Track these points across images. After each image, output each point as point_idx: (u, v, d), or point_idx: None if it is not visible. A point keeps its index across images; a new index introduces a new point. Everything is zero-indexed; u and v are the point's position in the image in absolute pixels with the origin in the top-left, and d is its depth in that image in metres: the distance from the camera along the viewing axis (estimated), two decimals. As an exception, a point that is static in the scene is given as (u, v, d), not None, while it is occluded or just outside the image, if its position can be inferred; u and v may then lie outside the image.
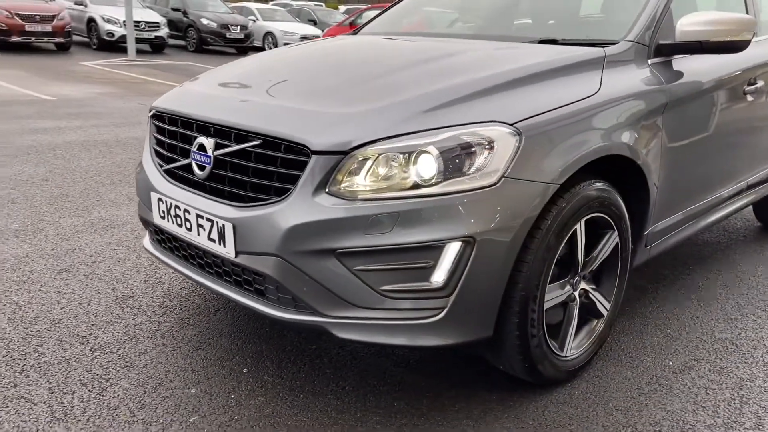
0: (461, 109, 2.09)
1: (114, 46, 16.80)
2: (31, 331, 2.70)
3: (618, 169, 2.48)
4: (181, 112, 2.42)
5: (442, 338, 2.06)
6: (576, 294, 2.41)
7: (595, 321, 2.55)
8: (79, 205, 4.45)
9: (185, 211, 2.29)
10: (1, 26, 14.94)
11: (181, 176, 2.40)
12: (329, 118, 2.09)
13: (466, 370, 2.52)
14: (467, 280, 2.00)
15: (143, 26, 16.75)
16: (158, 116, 2.58)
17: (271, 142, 2.11)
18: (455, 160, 1.99)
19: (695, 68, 2.82)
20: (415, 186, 1.98)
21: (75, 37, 16.88)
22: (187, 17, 18.71)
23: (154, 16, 17.30)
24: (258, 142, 2.13)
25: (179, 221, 2.34)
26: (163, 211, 2.42)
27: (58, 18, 15.50)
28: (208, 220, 2.20)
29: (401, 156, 1.98)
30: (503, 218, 2.00)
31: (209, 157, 2.25)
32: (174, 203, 2.34)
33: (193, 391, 2.32)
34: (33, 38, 15.44)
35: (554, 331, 2.39)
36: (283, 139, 2.06)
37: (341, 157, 1.98)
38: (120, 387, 2.33)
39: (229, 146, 2.21)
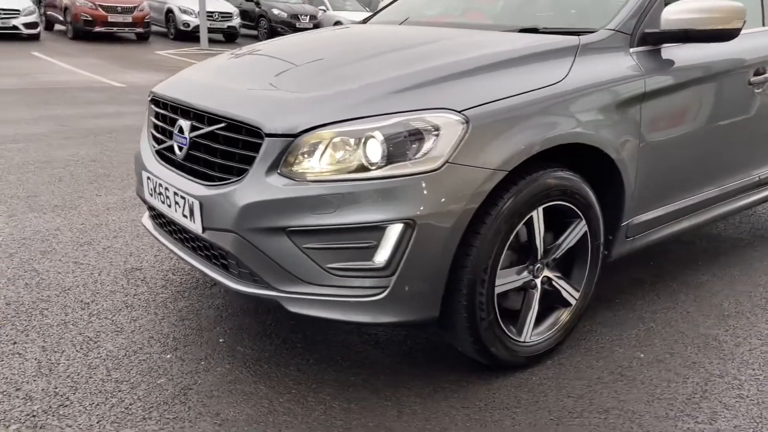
0: (413, 95, 2.15)
1: (190, 36, 17.46)
2: (42, 296, 2.95)
3: (592, 160, 2.47)
4: (169, 97, 2.59)
5: (386, 316, 2.15)
6: (537, 281, 2.43)
7: (563, 309, 2.56)
8: (117, 184, 4.75)
9: (166, 188, 2.47)
10: (86, 17, 15.81)
11: (167, 157, 2.57)
12: (286, 103, 2.21)
13: (431, 350, 2.59)
14: (408, 261, 2.07)
15: (216, 16, 17.33)
16: (155, 101, 2.76)
17: (234, 125, 2.24)
18: (400, 145, 2.07)
19: (688, 57, 2.76)
20: (361, 169, 2.07)
21: (154, 28, 17.66)
22: (259, 7, 19.22)
23: (227, 7, 17.87)
24: (224, 124, 2.27)
25: (162, 198, 2.52)
26: (151, 189, 2.61)
27: (138, 9, 16.25)
28: (182, 197, 2.36)
29: (349, 140, 2.07)
30: (445, 202, 2.06)
31: (186, 138, 2.41)
32: (158, 181, 2.52)
33: (168, 356, 2.50)
34: (115, 28, 16.26)
35: (514, 316, 2.43)
36: (243, 123, 2.20)
37: (291, 140, 2.09)
38: (104, 349, 2.53)
39: (201, 129, 2.36)
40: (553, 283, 2.48)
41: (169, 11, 17.65)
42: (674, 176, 2.81)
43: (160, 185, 2.51)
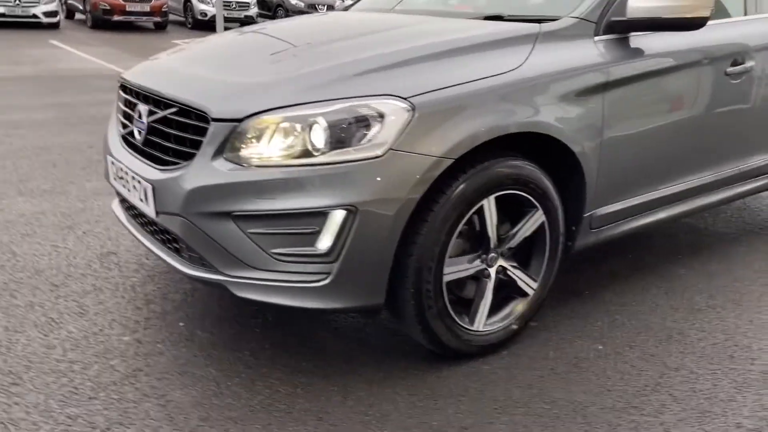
0: (360, 81, 2.15)
1: (208, 26, 17.54)
2: (15, 278, 3.01)
3: (553, 150, 2.44)
4: (132, 82, 2.62)
5: (329, 302, 2.15)
6: (491, 270, 2.42)
7: (520, 300, 2.54)
8: (109, 170, 4.80)
9: (126, 173, 2.49)
10: (105, 6, 15.97)
11: (130, 142, 2.59)
12: (234, 88, 2.22)
13: (388, 338, 2.60)
14: (351, 247, 2.07)
15: (234, 5, 17.41)
16: (122, 86, 2.79)
17: (185, 109, 2.26)
18: (344, 131, 2.07)
19: (658, 47, 2.71)
20: (305, 155, 2.07)
21: (172, 17, 17.79)
22: (277, -4, 19.29)
23: (245, -4, 17.95)
24: (175, 109, 2.29)
25: (123, 183, 2.55)
26: (114, 173, 2.64)
27: (156, -2, 16.38)
28: (138, 181, 2.39)
29: (294, 126, 2.08)
30: (388, 189, 2.06)
31: (144, 123, 2.44)
32: (120, 166, 2.55)
33: (126, 338, 2.53)
34: (133, 18, 16.40)
35: (469, 305, 2.42)
36: (191, 107, 2.21)
37: (236, 125, 2.10)
38: (65, 330, 2.57)
39: (157, 113, 2.38)
40: (509, 272, 2.46)
41: (187, 1, 17.76)
42: (640, 169, 2.76)
43: (122, 170, 2.54)
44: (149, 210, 2.35)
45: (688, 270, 3.34)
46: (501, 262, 2.45)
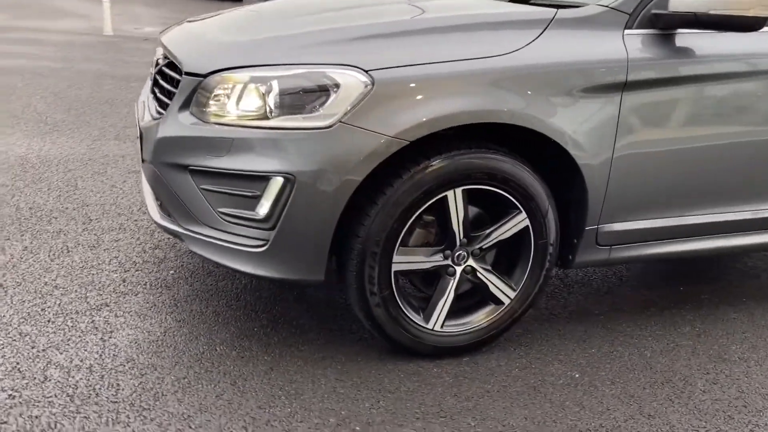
0: (325, 50, 2.08)
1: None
2: (62, 207, 3.30)
3: (551, 150, 2.22)
4: (160, 39, 2.74)
5: (267, 270, 2.12)
6: (458, 269, 2.25)
7: (493, 307, 2.34)
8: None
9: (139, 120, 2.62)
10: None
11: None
12: (215, 47, 2.25)
13: (355, 322, 2.51)
14: (288, 217, 2.03)
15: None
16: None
17: (172, 63, 2.33)
18: (296, 97, 2.02)
19: (705, 48, 2.34)
20: (257, 117, 2.05)
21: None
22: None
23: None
24: (167, 62, 2.37)
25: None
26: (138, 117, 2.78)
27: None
28: (139, 129, 2.50)
29: (250, 86, 2.06)
30: (331, 163, 1.98)
31: (152, 74, 2.54)
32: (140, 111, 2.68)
33: (115, 275, 2.68)
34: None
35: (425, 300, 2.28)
36: (174, 60, 2.28)
37: (200, 80, 2.12)
38: (70, 259, 2.78)
39: (158, 65, 2.47)
40: (479, 275, 2.28)
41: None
42: (664, 188, 2.41)
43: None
44: (141, 156, 2.45)
45: (734, 310, 2.89)
46: (471, 262, 2.26)
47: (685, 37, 2.32)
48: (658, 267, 3.26)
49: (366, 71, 1.99)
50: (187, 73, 2.16)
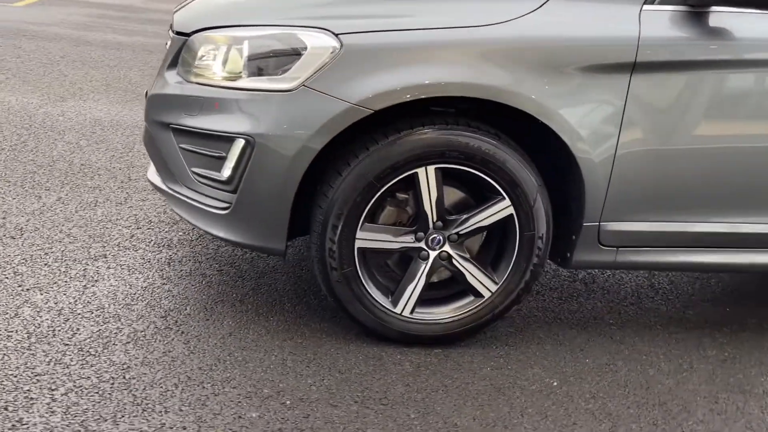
0: (302, 13, 2.02)
1: None
2: (110, 166, 3.47)
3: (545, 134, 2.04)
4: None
5: (231, 233, 2.11)
6: (431, 253, 2.11)
7: (472, 299, 2.18)
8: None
9: None
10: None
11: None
12: (202, 8, 2.25)
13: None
14: (248, 181, 2.00)
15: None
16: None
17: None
18: (264, 58, 1.99)
19: (752, 31, 2.05)
20: (229, 78, 2.03)
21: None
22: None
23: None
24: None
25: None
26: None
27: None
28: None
29: (223, 46, 2.05)
30: (289, 127, 1.93)
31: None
32: None
33: (125, 231, 2.77)
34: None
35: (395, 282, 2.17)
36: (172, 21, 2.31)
37: (185, 39, 2.14)
38: (94, 212, 2.91)
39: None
40: (455, 262, 2.13)
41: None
42: (681, 186, 2.13)
43: None
44: (149, 117, 2.51)
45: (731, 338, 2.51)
46: (447, 248, 2.12)
47: (720, 17, 2.04)
48: (711, 280, 2.91)
49: (336, 35, 1.92)
50: (176, 33, 2.18)
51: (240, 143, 1.97)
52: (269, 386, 1.92)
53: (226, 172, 2.02)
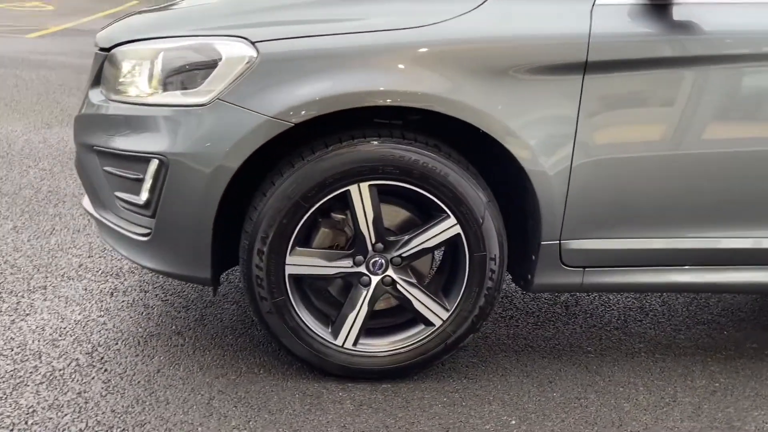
0: (218, 22, 1.85)
1: None
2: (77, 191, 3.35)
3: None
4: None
5: (154, 262, 1.95)
6: (373, 278, 1.92)
7: (422, 329, 1.98)
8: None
9: None
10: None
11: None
12: (125, 23, 2.10)
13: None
14: (165, 204, 1.84)
15: None
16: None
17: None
18: (180, 71, 1.84)
19: (722, 24, 1.84)
20: (147, 93, 1.89)
21: None
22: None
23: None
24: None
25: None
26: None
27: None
28: None
29: (138, 61, 1.91)
30: (204, 145, 1.77)
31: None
32: None
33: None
34: None
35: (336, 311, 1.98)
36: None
37: (106, 54, 2.00)
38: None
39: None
40: (399, 288, 1.93)
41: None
42: (650, 200, 1.90)
43: None
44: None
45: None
46: (391, 272, 1.92)
47: (685, 9, 1.82)
48: (710, 300, 2.65)
49: (252, 42, 1.76)
50: (100, 49, 2.05)
51: (155, 163, 1.81)
52: (185, 430, 1.74)
53: (144, 195, 1.87)
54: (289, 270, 1.86)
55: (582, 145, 1.81)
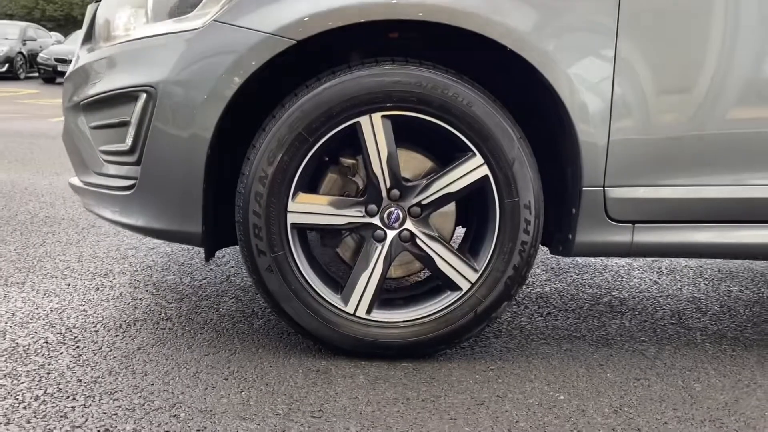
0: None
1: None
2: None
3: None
4: None
5: (139, 217, 1.72)
6: (389, 232, 1.65)
7: (449, 294, 1.69)
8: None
9: None
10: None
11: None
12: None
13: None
14: (152, 144, 1.63)
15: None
16: None
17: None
18: (174, 1, 1.66)
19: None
20: (133, 29, 1.72)
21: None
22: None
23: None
24: None
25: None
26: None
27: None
28: None
29: (132, 1, 1.75)
30: (196, 69, 1.58)
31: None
32: None
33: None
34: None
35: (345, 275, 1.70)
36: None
37: (97, 4, 1.86)
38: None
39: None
40: (419, 243, 1.66)
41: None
42: (710, 133, 1.65)
43: None
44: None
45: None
46: (409, 224, 1.66)
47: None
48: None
49: (252, -41, 1.59)
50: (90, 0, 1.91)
51: (141, 99, 1.62)
52: (163, 398, 1.43)
53: (129, 140, 1.65)
54: (291, 218, 1.61)
55: (622, 66, 1.58)
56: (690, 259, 2.78)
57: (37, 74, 15.87)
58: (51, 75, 14.84)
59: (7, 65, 15.64)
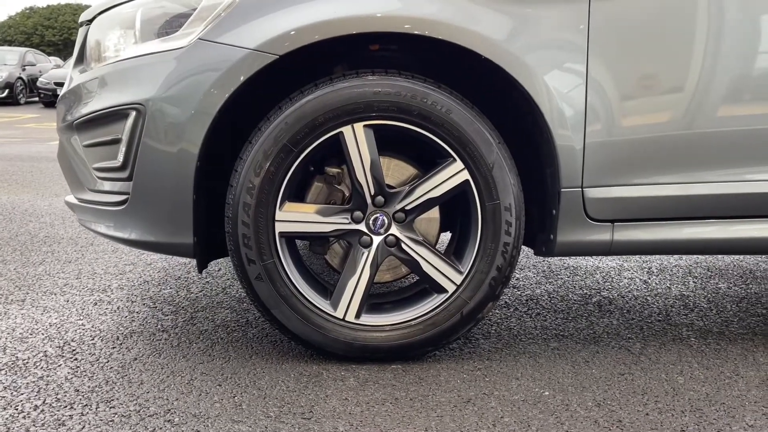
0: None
1: None
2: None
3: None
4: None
5: (132, 231, 1.77)
6: (375, 238, 1.71)
7: (434, 297, 1.74)
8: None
9: None
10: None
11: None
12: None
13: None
14: (142, 160, 1.68)
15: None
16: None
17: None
18: (157, 20, 1.73)
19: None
20: (126, 49, 1.79)
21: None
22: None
23: None
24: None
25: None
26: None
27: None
28: None
29: (121, 22, 1.82)
30: (183, 87, 1.64)
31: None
32: None
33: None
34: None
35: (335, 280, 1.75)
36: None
37: (88, 27, 1.92)
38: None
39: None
40: (405, 247, 1.71)
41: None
42: (686, 132, 1.70)
43: None
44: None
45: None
46: (394, 230, 1.71)
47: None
48: (762, 298, 2.36)
49: (233, -21, 1.65)
50: (82, 23, 1.98)
51: (131, 117, 1.67)
52: (158, 405, 1.48)
53: (121, 156, 1.71)
54: (279, 227, 1.66)
55: (595, 69, 1.64)
56: (680, 257, 2.82)
57: (37, 99, 16.00)
58: (51, 99, 14.88)
59: (7, 90, 15.75)
